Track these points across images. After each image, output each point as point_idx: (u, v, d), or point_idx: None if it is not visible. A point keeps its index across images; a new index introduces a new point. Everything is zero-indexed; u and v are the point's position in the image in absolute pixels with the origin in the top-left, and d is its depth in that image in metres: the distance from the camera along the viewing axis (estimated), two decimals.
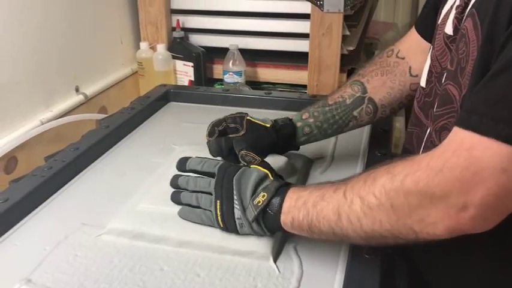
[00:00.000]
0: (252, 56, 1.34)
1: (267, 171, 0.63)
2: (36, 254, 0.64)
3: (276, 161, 0.78)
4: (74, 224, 0.71)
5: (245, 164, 0.68)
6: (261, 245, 0.63)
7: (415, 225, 0.49)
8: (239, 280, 0.60)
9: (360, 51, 1.41)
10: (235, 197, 0.62)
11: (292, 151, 0.83)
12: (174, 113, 1.13)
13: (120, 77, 1.32)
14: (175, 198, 0.69)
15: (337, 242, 0.65)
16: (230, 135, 0.77)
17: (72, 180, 0.83)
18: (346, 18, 1.23)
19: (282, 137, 0.78)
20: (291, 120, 0.81)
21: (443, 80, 0.62)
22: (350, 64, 1.32)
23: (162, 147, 0.94)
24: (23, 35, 0.99)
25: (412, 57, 0.78)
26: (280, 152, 0.80)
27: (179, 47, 1.35)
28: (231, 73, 1.29)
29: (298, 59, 1.30)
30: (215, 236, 0.65)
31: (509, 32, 0.47)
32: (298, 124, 0.80)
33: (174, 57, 1.36)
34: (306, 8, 1.23)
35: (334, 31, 1.21)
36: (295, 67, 1.32)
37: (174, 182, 0.70)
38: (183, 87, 1.29)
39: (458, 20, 0.61)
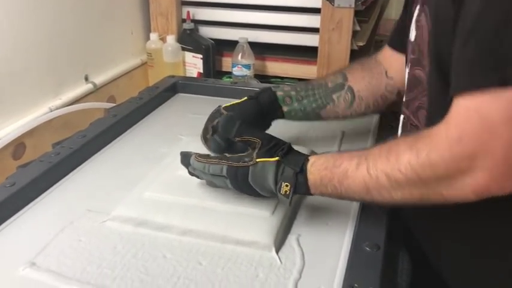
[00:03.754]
0: (261, 50, 1.34)
1: (275, 159, 0.63)
2: (40, 238, 0.65)
3: None
4: (79, 210, 0.71)
5: (245, 155, 0.66)
6: (263, 236, 0.63)
7: (444, 192, 0.52)
8: (241, 269, 0.60)
9: (369, 47, 1.40)
10: (261, 193, 0.64)
11: (297, 147, 0.82)
12: (182, 104, 1.13)
13: (130, 67, 1.33)
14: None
15: (339, 234, 0.66)
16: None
17: (79, 167, 0.83)
18: (357, 13, 1.22)
19: (264, 104, 0.81)
20: (269, 88, 0.84)
21: (409, 69, 0.67)
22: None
23: (169, 138, 0.94)
24: (34, 23, 1.00)
25: (387, 64, 0.83)
26: (267, 121, 0.83)
27: (189, 39, 1.35)
28: (239, 66, 1.29)
29: (307, 53, 1.30)
30: (218, 226, 0.65)
31: None
32: (279, 93, 0.83)
33: (183, 49, 1.36)
34: (317, 2, 1.22)
35: (345, 26, 1.21)
36: (304, 61, 1.32)
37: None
38: (191, 78, 1.29)
39: (416, 21, 0.65)
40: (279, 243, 0.64)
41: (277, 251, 0.63)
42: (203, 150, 0.84)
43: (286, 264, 0.61)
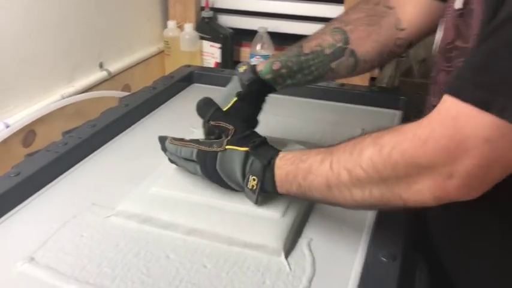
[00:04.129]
0: (281, 40, 1.29)
1: (245, 149, 0.60)
2: (42, 232, 0.63)
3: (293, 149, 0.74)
4: (83, 203, 0.69)
5: (217, 141, 0.63)
6: (272, 239, 0.60)
7: (403, 194, 0.49)
8: (247, 275, 0.56)
9: None
10: (229, 183, 0.62)
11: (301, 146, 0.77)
12: (197, 95, 1.07)
13: (146, 55, 1.30)
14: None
15: (354, 241, 0.62)
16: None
17: (87, 158, 0.81)
18: None
19: (255, 98, 0.74)
20: (255, 74, 0.72)
21: (454, 56, 0.58)
22: None
23: (181, 130, 0.90)
24: (49, 8, 0.97)
25: (402, 8, 0.70)
26: (258, 107, 0.75)
27: (207, 27, 1.32)
28: (258, 57, 1.25)
29: None
30: (225, 226, 0.62)
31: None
32: (268, 76, 0.73)
33: (201, 38, 1.33)
34: None
35: None
36: None
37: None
38: (207, 68, 1.26)
39: None
40: (289, 247, 0.60)
41: (286, 256, 0.59)
42: None
43: (295, 271, 0.57)
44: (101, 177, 0.76)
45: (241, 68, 0.74)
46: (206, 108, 0.68)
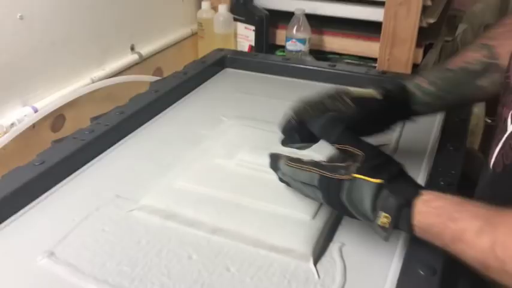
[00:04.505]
0: (318, 23, 1.23)
1: (378, 181, 0.50)
2: (63, 225, 0.61)
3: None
4: (107, 195, 0.67)
5: (343, 165, 0.53)
6: (301, 243, 0.56)
7: None
8: (272, 281, 0.53)
9: (441, 24, 1.26)
10: (355, 215, 0.53)
11: None
12: (229, 81, 1.06)
13: (179, 37, 1.26)
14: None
15: (390, 248, 0.57)
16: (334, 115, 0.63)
17: (113, 147, 0.78)
18: None
19: (392, 105, 0.64)
20: (403, 86, 0.65)
21: None
22: (429, 39, 1.18)
23: (211, 118, 0.88)
24: None
25: None
26: (388, 123, 0.67)
27: (242, 9, 1.27)
28: (294, 40, 1.19)
29: (370, 28, 1.17)
30: (252, 227, 0.59)
31: None
32: (417, 92, 0.65)
33: (235, 20, 1.28)
34: None
35: (414, 0, 1.08)
36: (366, 38, 1.20)
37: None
38: (240, 53, 1.21)
39: None
40: (319, 252, 0.56)
41: (315, 263, 0.55)
42: (245, 134, 0.78)
43: (324, 280, 0.53)
44: (127, 168, 0.74)
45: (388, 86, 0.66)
46: (331, 127, 0.57)
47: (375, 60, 1.19)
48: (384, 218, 0.49)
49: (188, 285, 0.52)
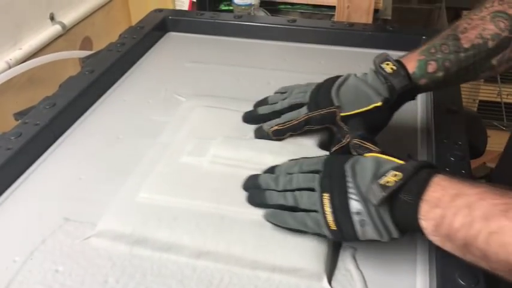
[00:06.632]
0: None
1: (393, 158, 0.45)
2: (1, 271, 0.47)
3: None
4: (53, 219, 0.53)
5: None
6: (308, 259, 0.46)
7: None
8: None
9: None
10: (349, 185, 0.44)
11: None
12: (174, 48, 0.91)
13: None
14: (256, 199, 0.50)
15: (409, 249, 0.49)
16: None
17: (49, 150, 0.64)
18: None
19: (398, 101, 0.58)
20: (409, 79, 0.57)
21: None
22: None
23: (163, 99, 0.74)
24: None
25: None
26: (391, 115, 0.59)
27: None
28: None
29: None
30: (246, 244, 0.48)
31: None
32: (423, 81, 0.58)
33: None
34: None
35: None
36: None
37: (251, 182, 0.52)
38: (183, 12, 1.06)
39: None
40: (331, 266, 0.47)
41: (329, 280, 0.46)
42: (210, 118, 0.65)
43: None
44: (71, 178, 0.59)
45: (388, 67, 0.56)
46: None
47: (331, 8, 1.08)
48: (391, 177, 0.42)
49: None
